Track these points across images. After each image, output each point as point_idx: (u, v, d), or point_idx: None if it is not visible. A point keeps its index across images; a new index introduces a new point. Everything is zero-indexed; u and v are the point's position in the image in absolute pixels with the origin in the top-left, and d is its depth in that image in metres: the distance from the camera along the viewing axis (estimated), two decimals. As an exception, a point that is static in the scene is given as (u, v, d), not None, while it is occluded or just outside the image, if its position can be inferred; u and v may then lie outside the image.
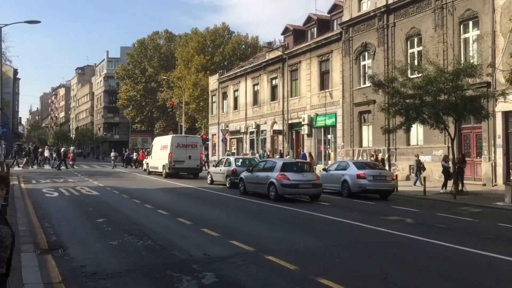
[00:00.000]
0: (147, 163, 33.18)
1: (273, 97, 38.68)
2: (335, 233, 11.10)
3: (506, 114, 20.72)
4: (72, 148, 44.26)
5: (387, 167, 24.33)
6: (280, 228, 11.74)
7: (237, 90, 44.65)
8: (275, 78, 38.36)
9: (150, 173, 31.69)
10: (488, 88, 20.55)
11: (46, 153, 42.29)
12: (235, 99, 45.08)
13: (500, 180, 20.66)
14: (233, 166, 22.71)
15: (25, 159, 38.75)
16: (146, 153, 41.62)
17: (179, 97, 55.42)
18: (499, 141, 20.93)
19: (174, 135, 34.25)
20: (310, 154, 30.44)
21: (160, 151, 30.03)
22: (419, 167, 23.02)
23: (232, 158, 24.43)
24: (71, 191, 19.34)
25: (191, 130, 56.68)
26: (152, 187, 22.57)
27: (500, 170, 20.94)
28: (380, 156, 25.69)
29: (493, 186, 20.86)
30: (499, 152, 20.96)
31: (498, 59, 20.56)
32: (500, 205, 15.67)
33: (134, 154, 46.23)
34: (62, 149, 38.52)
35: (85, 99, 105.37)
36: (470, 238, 10.39)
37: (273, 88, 38.83)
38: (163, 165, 28.92)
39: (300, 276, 7.07)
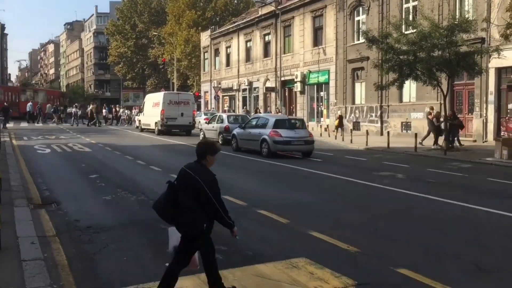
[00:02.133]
0: (139, 120, 33.04)
1: (266, 53, 38.17)
2: (327, 188, 11.24)
3: (499, 71, 20.66)
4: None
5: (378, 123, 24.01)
6: (272, 183, 11.87)
7: (229, 47, 43.98)
8: (268, 34, 37.74)
9: (142, 130, 31.58)
10: (482, 44, 20.37)
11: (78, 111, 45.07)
12: (228, 56, 44.46)
13: (490, 136, 20.82)
14: (225, 123, 22.65)
15: (55, 116, 40.51)
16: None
17: (170, 54, 54.57)
18: (491, 97, 20.96)
19: (166, 92, 33.92)
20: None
21: (152, 108, 29.81)
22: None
23: (224, 115, 24.33)
24: (63, 147, 19.31)
25: (183, 88, 56.12)
26: (145, 143, 22.56)
27: (491, 126, 21.07)
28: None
29: (483, 142, 21.04)
30: (491, 108, 21.03)
31: (494, 14, 20.28)
32: (490, 160, 15.88)
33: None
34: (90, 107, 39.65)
35: (74, 55, 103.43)
36: (459, 192, 10.54)
37: (266, 45, 38.27)
38: (155, 122, 28.80)
39: (292, 229, 7.20)
